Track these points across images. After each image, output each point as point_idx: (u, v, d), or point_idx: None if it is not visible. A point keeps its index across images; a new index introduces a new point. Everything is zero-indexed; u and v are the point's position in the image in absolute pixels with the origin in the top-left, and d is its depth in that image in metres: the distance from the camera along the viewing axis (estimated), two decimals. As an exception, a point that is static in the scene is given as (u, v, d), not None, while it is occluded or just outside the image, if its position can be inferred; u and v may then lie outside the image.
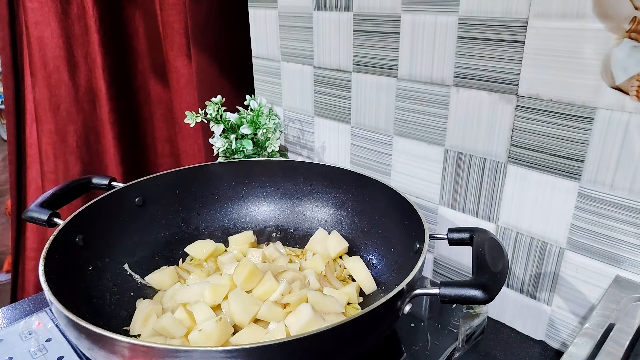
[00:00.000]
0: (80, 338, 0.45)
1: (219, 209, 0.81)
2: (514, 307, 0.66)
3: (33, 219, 0.63)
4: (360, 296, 0.67)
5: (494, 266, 0.47)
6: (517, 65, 0.57)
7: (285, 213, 0.81)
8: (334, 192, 0.78)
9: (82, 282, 0.60)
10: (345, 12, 0.76)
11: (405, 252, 0.63)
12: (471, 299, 0.44)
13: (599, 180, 0.54)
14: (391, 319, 0.50)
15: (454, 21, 0.62)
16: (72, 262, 0.60)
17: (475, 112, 0.63)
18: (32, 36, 0.93)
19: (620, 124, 0.51)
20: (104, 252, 0.66)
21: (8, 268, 1.81)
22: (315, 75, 0.85)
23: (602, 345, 0.46)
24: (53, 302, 0.46)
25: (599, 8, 0.49)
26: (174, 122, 1.12)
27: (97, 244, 0.65)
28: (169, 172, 0.77)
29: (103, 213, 0.67)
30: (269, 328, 0.56)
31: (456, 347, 0.60)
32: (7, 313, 0.67)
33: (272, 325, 0.56)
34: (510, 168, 0.62)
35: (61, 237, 0.58)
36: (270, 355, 0.41)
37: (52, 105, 0.97)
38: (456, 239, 0.57)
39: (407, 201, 0.63)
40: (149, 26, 1.04)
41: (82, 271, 0.62)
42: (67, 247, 0.59)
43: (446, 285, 0.45)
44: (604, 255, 0.56)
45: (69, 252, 0.60)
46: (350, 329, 0.44)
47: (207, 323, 0.54)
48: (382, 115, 0.76)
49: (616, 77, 0.50)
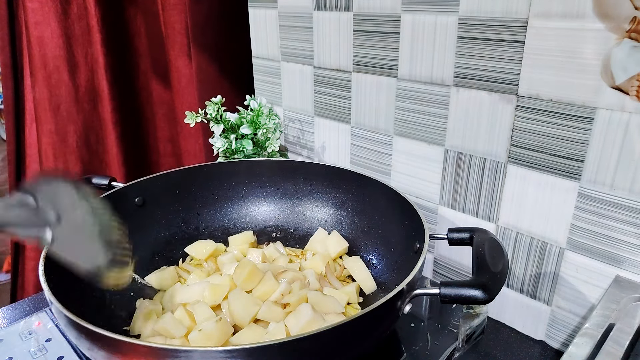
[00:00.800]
0: (80, 338, 0.45)
1: (219, 209, 0.81)
2: (514, 307, 0.66)
3: None
4: (360, 296, 0.67)
5: (494, 266, 0.47)
6: (517, 65, 0.57)
7: (285, 213, 0.81)
8: (334, 192, 0.78)
9: (82, 282, 0.60)
10: (345, 12, 0.76)
11: (405, 252, 0.63)
12: (471, 299, 0.44)
13: (599, 180, 0.54)
14: (391, 319, 0.50)
15: (454, 21, 0.62)
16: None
17: (475, 112, 0.63)
18: (32, 36, 0.93)
19: (620, 124, 0.51)
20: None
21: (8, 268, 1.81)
22: (315, 75, 0.85)
23: (602, 345, 0.46)
24: (53, 302, 0.46)
25: (599, 8, 0.49)
26: (176, 121, 1.12)
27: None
28: (169, 172, 0.77)
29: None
30: (269, 328, 0.56)
31: (456, 347, 0.60)
32: (7, 313, 0.67)
33: (272, 325, 0.56)
34: (510, 168, 0.62)
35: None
36: (270, 355, 0.41)
37: (52, 105, 0.97)
38: (456, 239, 0.57)
39: (407, 201, 0.63)
40: (151, 26, 1.04)
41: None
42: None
43: (446, 285, 0.45)
44: (604, 255, 0.56)
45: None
46: (350, 329, 0.44)
47: (207, 323, 0.54)
48: (382, 115, 0.76)
49: (616, 77, 0.50)
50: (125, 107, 1.04)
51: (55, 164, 1.00)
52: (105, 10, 0.95)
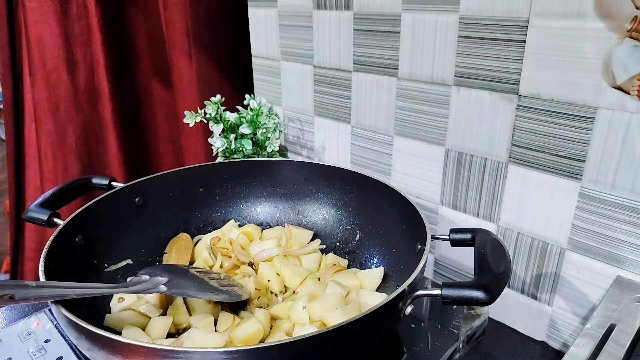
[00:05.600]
0: (80, 338, 0.45)
1: (219, 209, 0.80)
2: (515, 308, 0.66)
3: (33, 219, 0.63)
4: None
5: (496, 267, 0.47)
6: (518, 65, 0.57)
7: (286, 213, 0.81)
8: (335, 193, 0.78)
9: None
10: (346, 11, 0.75)
11: (407, 253, 0.63)
12: (473, 300, 0.44)
13: (600, 180, 0.54)
14: (393, 320, 0.50)
15: (455, 20, 0.62)
16: (73, 262, 0.60)
17: (476, 112, 0.63)
18: (31, 35, 0.92)
19: (621, 123, 0.50)
20: (104, 253, 0.66)
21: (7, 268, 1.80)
22: (315, 74, 0.85)
23: (603, 346, 0.46)
24: (53, 302, 0.46)
25: (600, 7, 0.49)
26: (177, 121, 1.12)
27: (98, 244, 0.65)
28: (169, 172, 0.77)
29: (103, 213, 0.67)
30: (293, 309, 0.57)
31: (457, 347, 0.60)
32: (6, 313, 0.67)
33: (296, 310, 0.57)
34: (511, 168, 0.62)
35: (61, 237, 0.58)
36: (270, 357, 0.40)
37: (51, 105, 0.97)
38: (458, 239, 0.57)
39: (408, 202, 0.63)
40: (152, 25, 1.04)
41: (83, 271, 0.62)
42: (67, 247, 0.59)
43: (448, 286, 0.45)
44: (605, 256, 0.56)
45: (69, 252, 0.59)
46: (352, 330, 0.44)
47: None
48: (382, 114, 0.76)
49: (617, 77, 0.50)
50: (125, 106, 1.03)
51: (54, 163, 1.00)
52: (106, 10, 0.95)
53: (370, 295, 0.60)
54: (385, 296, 0.58)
